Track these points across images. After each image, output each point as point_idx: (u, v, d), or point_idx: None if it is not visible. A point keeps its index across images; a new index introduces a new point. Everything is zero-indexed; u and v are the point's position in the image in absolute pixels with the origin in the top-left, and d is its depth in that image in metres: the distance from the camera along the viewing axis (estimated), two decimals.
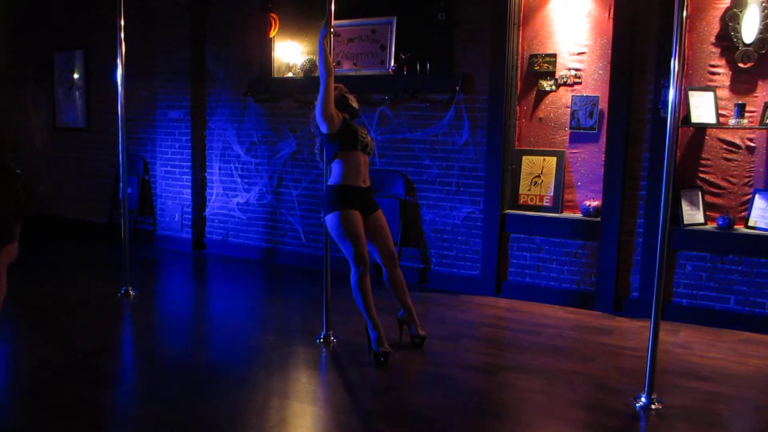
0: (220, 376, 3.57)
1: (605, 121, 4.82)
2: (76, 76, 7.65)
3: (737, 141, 4.55)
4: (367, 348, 3.84)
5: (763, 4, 4.31)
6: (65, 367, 3.67)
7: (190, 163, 6.70)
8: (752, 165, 4.53)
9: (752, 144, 4.52)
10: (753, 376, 3.67)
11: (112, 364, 3.81)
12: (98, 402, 3.27)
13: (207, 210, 6.80)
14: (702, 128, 4.57)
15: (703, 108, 4.46)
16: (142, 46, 6.66)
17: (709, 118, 4.46)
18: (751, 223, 4.47)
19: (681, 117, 4.31)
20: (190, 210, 6.76)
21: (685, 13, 3.03)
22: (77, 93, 7.67)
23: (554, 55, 5.03)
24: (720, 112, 4.49)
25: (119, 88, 4.90)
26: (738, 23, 4.38)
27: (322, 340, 4.07)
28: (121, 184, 5.08)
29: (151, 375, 3.65)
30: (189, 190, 6.74)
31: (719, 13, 4.48)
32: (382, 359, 3.74)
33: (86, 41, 7.45)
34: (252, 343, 4.20)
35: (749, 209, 4.50)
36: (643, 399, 3.21)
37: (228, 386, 3.43)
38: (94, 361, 3.75)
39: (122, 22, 4.83)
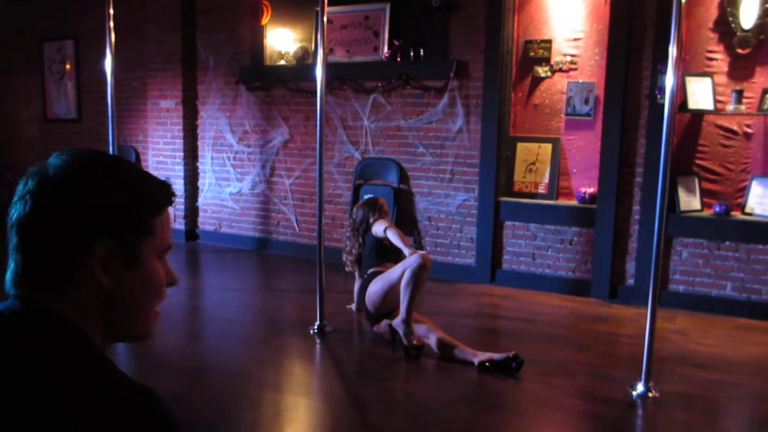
0: (213, 369, 3.54)
1: (601, 107, 4.77)
2: (67, 66, 7.55)
3: (735, 127, 4.51)
4: (391, 343, 3.73)
5: None
6: None
7: (182, 153, 6.64)
8: (749, 151, 4.50)
9: (750, 130, 4.49)
10: (749, 362, 3.67)
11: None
12: None
13: (199, 200, 6.74)
14: (699, 114, 4.53)
15: (700, 94, 4.43)
16: (132, 35, 6.57)
17: (707, 104, 4.42)
18: (747, 210, 4.44)
19: (678, 103, 4.26)
20: (182, 200, 6.70)
21: None
22: (68, 83, 7.58)
23: (549, 41, 4.98)
24: (717, 98, 4.45)
25: (108, 78, 4.81)
26: (736, 8, 4.33)
27: (316, 331, 4.03)
28: None
29: (142, 368, 3.60)
30: (181, 180, 6.67)
31: None
32: (414, 352, 3.64)
33: (76, 30, 7.35)
34: (245, 334, 4.17)
35: (746, 195, 4.47)
36: (640, 387, 3.19)
37: (221, 379, 3.39)
38: None
39: (111, 11, 4.74)
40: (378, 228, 3.94)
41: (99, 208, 0.89)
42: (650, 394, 3.16)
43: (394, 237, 3.83)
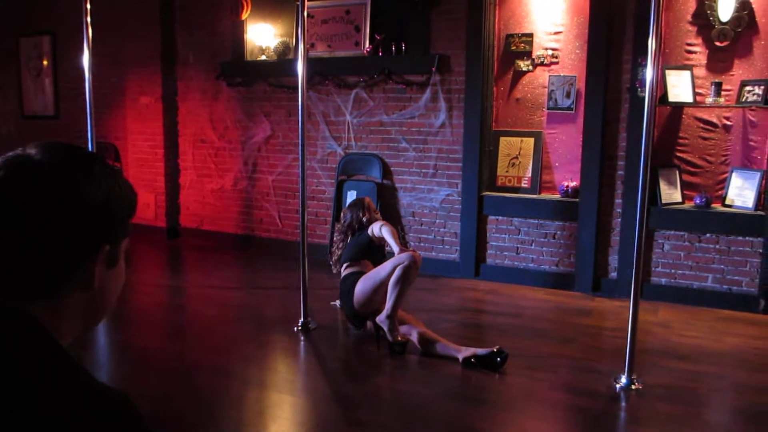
0: (196, 368, 3.50)
1: (582, 101, 4.77)
2: (44, 62, 7.42)
3: (714, 120, 4.54)
4: (375, 339, 3.72)
5: None
6: None
7: (162, 150, 6.55)
8: (729, 143, 4.53)
9: (729, 122, 4.51)
10: (731, 353, 3.69)
11: (83, 358, 3.66)
12: None
13: (181, 197, 6.67)
14: (679, 107, 4.55)
15: (680, 87, 4.45)
16: (110, 31, 6.44)
17: (686, 97, 4.44)
18: (728, 202, 4.47)
19: (658, 96, 4.28)
20: (163, 197, 6.63)
21: None
22: (46, 79, 7.45)
23: (531, 35, 4.97)
24: (697, 90, 4.47)
25: (86, 74, 4.76)
26: (714, 1, 4.34)
27: (300, 328, 4.00)
28: None
29: (124, 369, 3.57)
30: (162, 178, 6.60)
31: None
32: (398, 348, 3.62)
33: (53, 26, 7.22)
34: (228, 332, 4.13)
35: (726, 187, 4.50)
36: (623, 379, 3.20)
37: (204, 378, 3.35)
38: None
39: (88, 6, 4.66)
40: (375, 227, 3.91)
41: (106, 211, 0.86)
42: (633, 387, 3.18)
43: (387, 234, 3.80)
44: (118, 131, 6.92)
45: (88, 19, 4.65)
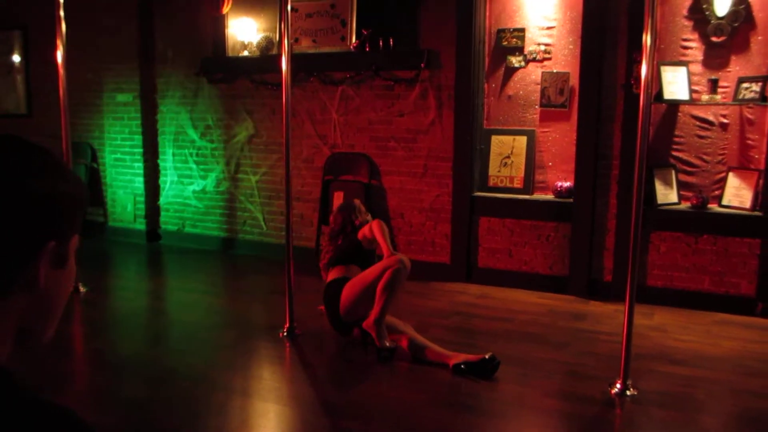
0: (178, 376, 3.43)
1: (576, 98, 4.70)
2: (15, 58, 7.22)
3: (710, 117, 4.47)
4: (363, 345, 3.65)
5: None
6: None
7: (141, 150, 6.42)
8: (725, 142, 4.46)
9: (725, 120, 4.44)
10: (728, 358, 3.66)
11: (61, 366, 3.57)
12: None
13: (161, 199, 6.52)
14: (675, 105, 4.48)
15: (675, 84, 4.38)
16: (85, 25, 6.31)
17: (682, 94, 4.38)
18: (725, 202, 4.40)
19: (653, 93, 4.20)
20: (143, 199, 6.48)
21: None
22: (17, 77, 7.25)
23: (523, 30, 4.88)
24: (693, 87, 4.40)
25: (60, 71, 4.65)
26: None
27: (285, 334, 3.92)
28: None
29: (103, 376, 3.50)
30: (141, 178, 6.46)
31: None
32: (387, 354, 3.54)
33: (24, 20, 7.03)
34: (211, 339, 4.04)
35: (723, 188, 4.42)
36: (618, 385, 3.16)
37: (186, 386, 3.30)
38: (41, 362, 3.47)
39: None
40: (367, 228, 3.79)
41: (50, 205, 0.80)
42: (628, 393, 3.15)
43: (378, 232, 3.67)
44: (94, 130, 6.77)
45: (62, 12, 4.61)
